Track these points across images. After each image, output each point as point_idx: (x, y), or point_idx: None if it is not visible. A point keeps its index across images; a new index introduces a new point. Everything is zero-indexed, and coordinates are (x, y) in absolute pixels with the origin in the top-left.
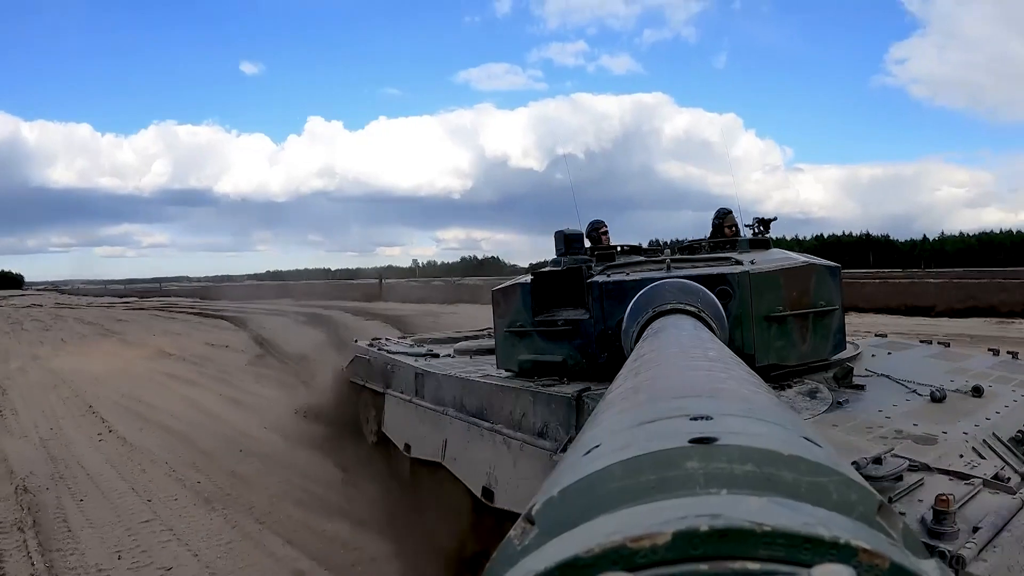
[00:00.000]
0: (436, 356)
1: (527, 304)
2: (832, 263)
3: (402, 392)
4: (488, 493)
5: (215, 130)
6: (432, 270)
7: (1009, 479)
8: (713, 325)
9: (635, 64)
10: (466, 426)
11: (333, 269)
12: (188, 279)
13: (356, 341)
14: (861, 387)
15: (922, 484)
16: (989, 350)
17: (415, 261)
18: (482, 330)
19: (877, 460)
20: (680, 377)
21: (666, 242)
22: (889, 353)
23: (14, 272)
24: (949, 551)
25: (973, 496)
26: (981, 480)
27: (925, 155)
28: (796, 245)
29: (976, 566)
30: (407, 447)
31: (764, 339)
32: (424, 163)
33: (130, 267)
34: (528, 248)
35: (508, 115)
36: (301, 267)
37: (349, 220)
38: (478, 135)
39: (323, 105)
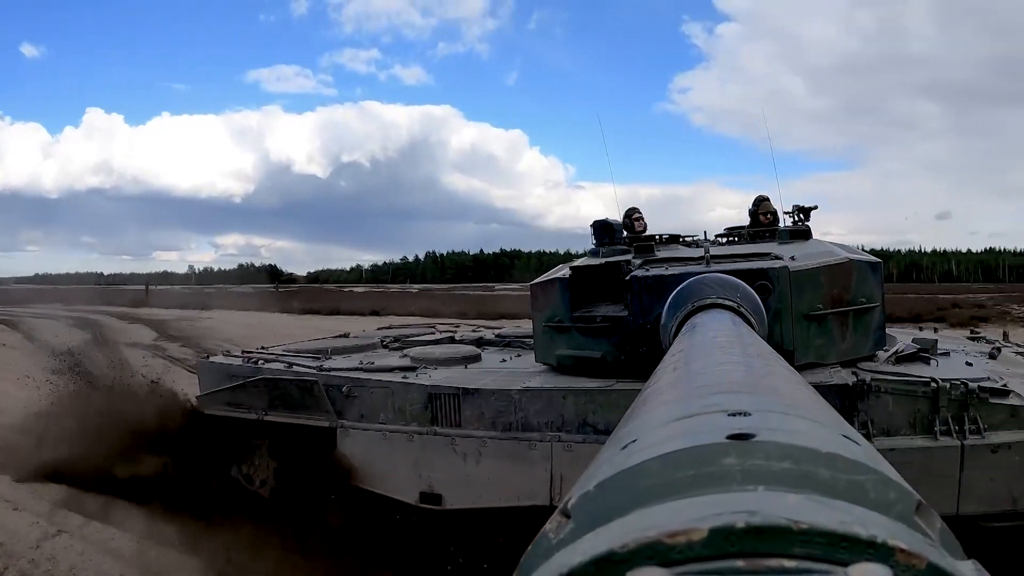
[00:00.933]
0: (412, 369)
1: (565, 299)
2: (874, 259)
3: (384, 423)
4: None
5: None
6: (209, 277)
7: None
8: (752, 320)
9: (427, 76)
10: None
11: (106, 273)
12: None
13: (208, 357)
14: (947, 353)
15: None
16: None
17: (191, 267)
18: (400, 327)
19: None
20: (718, 372)
21: (704, 231)
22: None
23: None
24: None
25: None
26: None
27: (702, 178)
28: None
29: None
30: (428, 497)
31: (803, 336)
32: (205, 164)
33: None
34: (309, 257)
35: (295, 119)
36: (72, 271)
37: (125, 221)
38: (264, 138)
39: (105, 96)
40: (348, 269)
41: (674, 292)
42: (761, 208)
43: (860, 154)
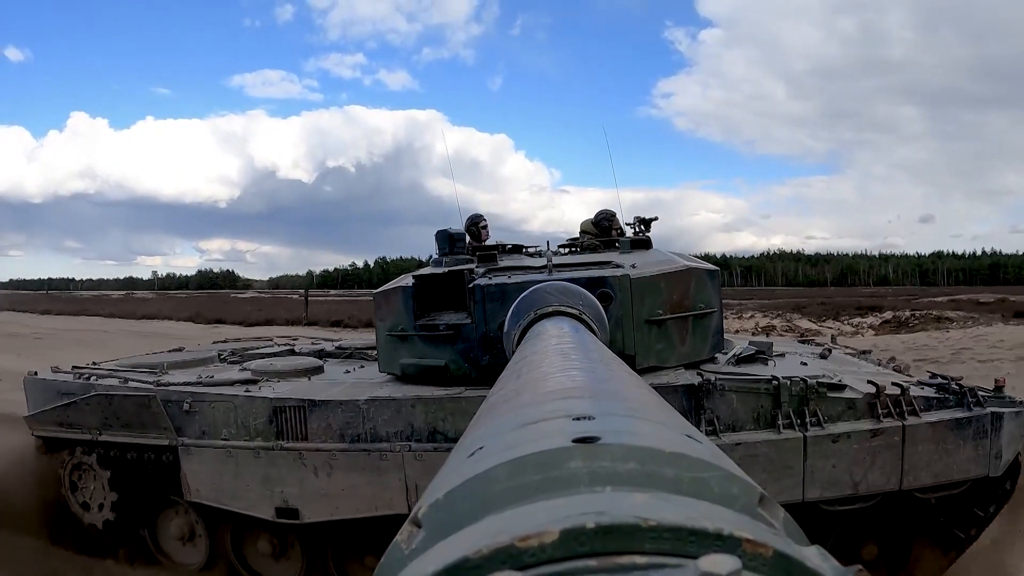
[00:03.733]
0: (254, 382)
1: (408, 307)
2: (712, 266)
3: (227, 439)
4: None
5: None
6: (170, 282)
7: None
8: (595, 327)
9: (412, 81)
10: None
11: (82, 279)
12: None
13: (36, 373)
14: (783, 355)
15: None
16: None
17: (154, 273)
18: (218, 342)
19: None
20: (562, 378)
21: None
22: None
23: None
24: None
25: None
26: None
27: (684, 182)
28: None
29: None
30: (285, 512)
31: (644, 341)
32: (190, 169)
33: None
34: (293, 262)
35: (280, 124)
36: (55, 275)
37: (109, 226)
38: (248, 143)
39: (89, 100)
40: (303, 275)
41: (517, 300)
42: (614, 223)
43: (842, 158)
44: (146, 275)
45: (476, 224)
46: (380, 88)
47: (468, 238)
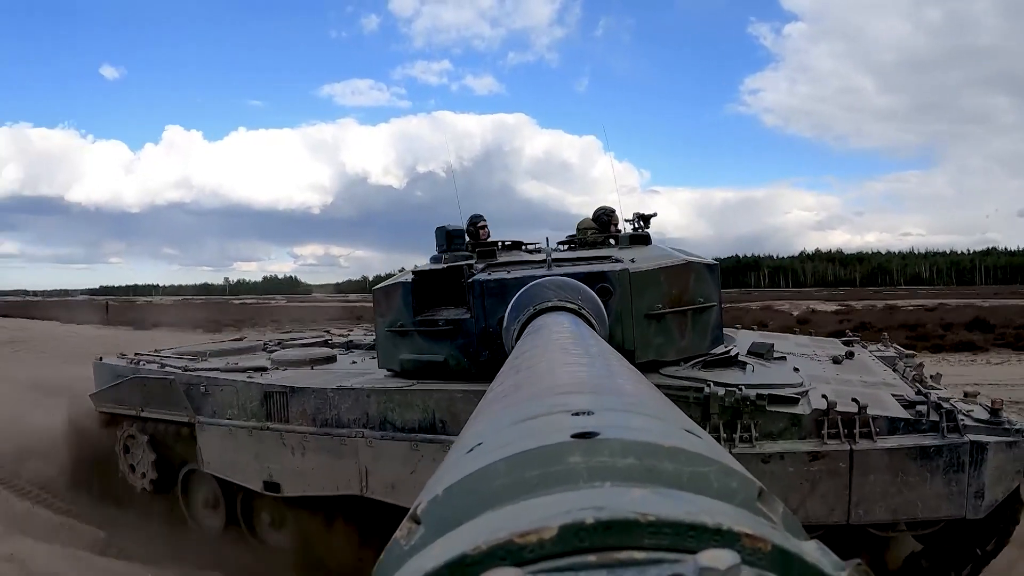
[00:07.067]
0: (265, 370)
1: (408, 303)
2: (711, 260)
3: (231, 419)
4: None
5: (70, 135)
6: (242, 288)
7: None
8: (594, 322)
9: (498, 85)
10: (407, 446)
11: (183, 284)
12: (26, 292)
13: (101, 359)
14: (783, 358)
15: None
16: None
17: (226, 279)
18: (238, 339)
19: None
20: (561, 374)
21: (547, 238)
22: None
23: None
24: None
25: None
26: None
27: (775, 180)
28: None
29: None
30: (270, 486)
31: (644, 335)
32: (283, 177)
33: None
34: (384, 265)
35: (370, 131)
36: (153, 282)
37: (205, 233)
38: (339, 150)
39: (183, 113)
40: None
41: (516, 295)
42: (613, 219)
43: (935, 151)
44: (241, 278)
45: (475, 224)
46: (467, 93)
47: (468, 238)
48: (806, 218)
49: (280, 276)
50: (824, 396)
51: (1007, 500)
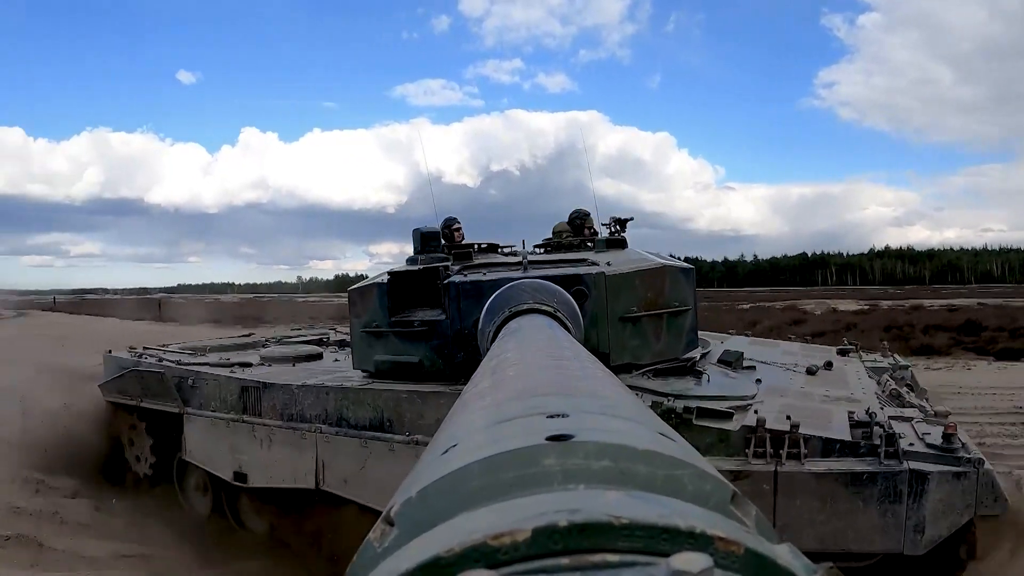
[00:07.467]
0: (250, 365)
1: (383, 304)
2: (686, 264)
3: (214, 411)
4: None
5: (149, 138)
6: (313, 286)
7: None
8: (569, 324)
9: (570, 83)
10: (358, 443)
11: (258, 283)
12: (105, 291)
13: (111, 352)
14: (752, 367)
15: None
16: None
17: (299, 278)
18: (246, 335)
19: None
20: (536, 376)
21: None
22: (722, 342)
23: None
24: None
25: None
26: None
27: (852, 175)
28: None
29: None
30: (239, 476)
31: (619, 338)
32: (358, 177)
33: (57, 277)
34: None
35: (443, 130)
36: (228, 280)
37: (282, 232)
38: (413, 150)
39: (259, 116)
40: None
41: (492, 297)
42: (587, 222)
43: (1017, 144)
44: (313, 276)
45: (450, 227)
46: (539, 91)
47: (443, 241)
48: (884, 214)
49: (352, 274)
50: (755, 412)
51: (954, 537)
